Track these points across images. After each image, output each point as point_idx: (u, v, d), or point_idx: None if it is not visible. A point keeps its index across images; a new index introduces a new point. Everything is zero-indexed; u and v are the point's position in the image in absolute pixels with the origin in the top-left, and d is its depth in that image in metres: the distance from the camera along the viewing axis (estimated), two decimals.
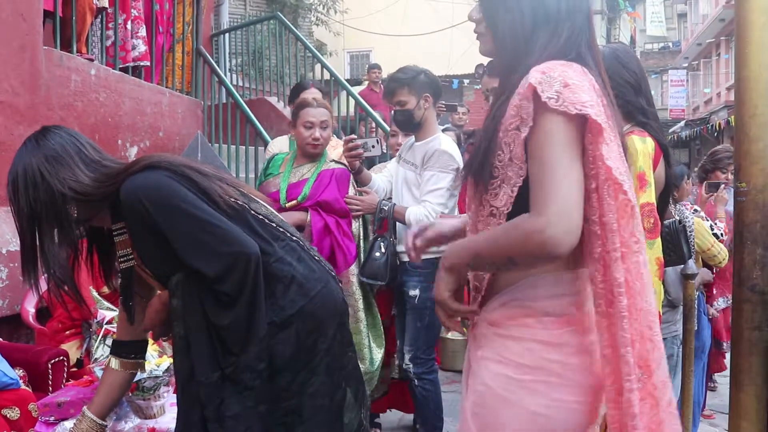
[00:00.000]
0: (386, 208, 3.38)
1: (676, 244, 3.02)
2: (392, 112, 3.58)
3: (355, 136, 3.60)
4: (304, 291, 1.90)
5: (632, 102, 2.47)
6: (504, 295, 1.41)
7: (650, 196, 2.45)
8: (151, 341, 2.83)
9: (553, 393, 1.35)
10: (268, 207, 2.08)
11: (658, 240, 2.52)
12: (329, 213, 3.37)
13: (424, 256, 3.42)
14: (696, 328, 3.51)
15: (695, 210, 4.06)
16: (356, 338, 3.49)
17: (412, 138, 3.61)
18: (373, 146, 3.35)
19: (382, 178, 3.62)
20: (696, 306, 3.54)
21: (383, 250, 3.35)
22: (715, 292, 4.31)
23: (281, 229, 1.98)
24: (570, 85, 1.28)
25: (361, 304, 3.46)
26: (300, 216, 3.33)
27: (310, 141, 3.35)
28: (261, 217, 1.96)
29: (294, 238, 2.01)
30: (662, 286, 2.62)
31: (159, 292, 2.05)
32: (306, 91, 3.96)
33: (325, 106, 3.43)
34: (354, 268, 3.44)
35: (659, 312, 2.59)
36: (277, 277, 1.88)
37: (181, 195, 1.81)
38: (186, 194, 1.82)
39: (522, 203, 1.34)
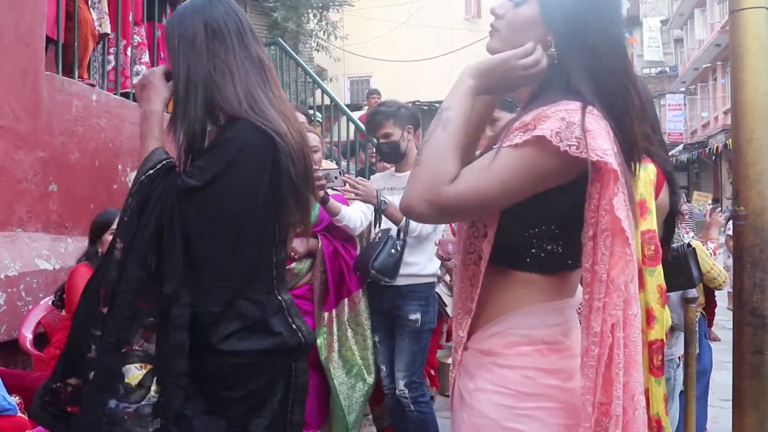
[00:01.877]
0: (385, 203, 3.38)
1: (685, 268, 3.02)
2: (377, 144, 3.63)
3: (317, 167, 3.62)
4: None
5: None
6: (498, 324, 1.41)
7: (651, 223, 2.47)
8: (149, 366, 2.82)
9: (553, 419, 1.35)
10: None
11: (660, 267, 2.52)
12: (335, 238, 3.46)
13: (421, 281, 3.49)
14: (698, 351, 3.50)
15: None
16: (363, 354, 3.54)
17: (391, 169, 3.71)
18: (335, 177, 3.35)
19: (353, 210, 3.57)
20: (697, 329, 3.54)
21: (398, 248, 3.36)
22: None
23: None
24: (591, 131, 1.27)
25: (367, 323, 3.52)
26: (313, 243, 3.44)
27: None
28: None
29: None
30: (666, 312, 2.62)
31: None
32: None
33: (311, 131, 3.48)
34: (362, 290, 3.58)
35: (663, 340, 2.60)
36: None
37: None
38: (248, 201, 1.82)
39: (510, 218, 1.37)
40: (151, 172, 1.83)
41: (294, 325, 1.92)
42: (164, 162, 1.86)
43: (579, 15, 1.37)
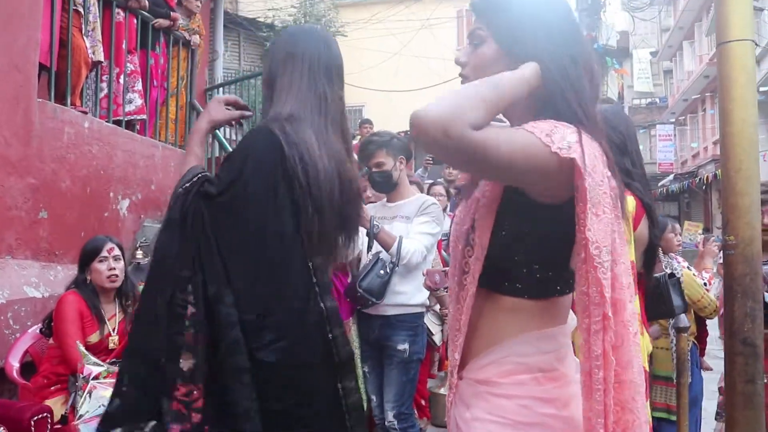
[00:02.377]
0: (377, 227, 3.38)
1: (666, 297, 3.04)
2: (369, 173, 3.64)
3: None
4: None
5: (617, 162, 2.53)
6: (493, 353, 1.40)
7: (630, 253, 2.50)
8: None
9: None
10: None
11: (636, 297, 2.51)
12: None
13: (410, 310, 3.48)
14: (690, 380, 3.50)
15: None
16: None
17: (383, 200, 3.72)
18: None
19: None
20: (689, 358, 3.53)
21: (387, 270, 3.36)
22: None
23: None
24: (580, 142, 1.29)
25: (357, 351, 3.52)
26: None
27: None
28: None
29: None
30: (646, 339, 2.64)
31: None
32: None
33: None
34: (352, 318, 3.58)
35: (645, 367, 2.60)
36: None
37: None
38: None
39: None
40: (187, 185, 1.90)
41: (330, 335, 1.91)
42: (200, 175, 1.92)
43: (536, 43, 1.37)
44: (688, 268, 4.00)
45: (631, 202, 2.51)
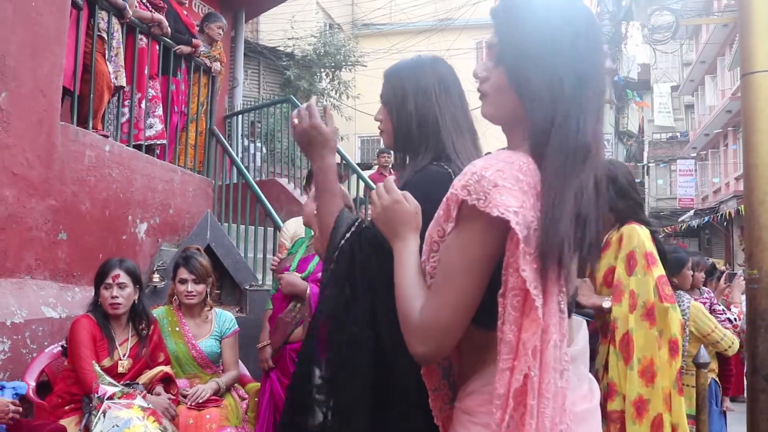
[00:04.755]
0: None
1: None
2: None
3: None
4: None
5: (630, 196, 2.93)
6: (474, 381, 1.40)
7: (661, 269, 2.79)
8: (152, 418, 2.77)
9: None
10: None
11: (677, 305, 2.82)
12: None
13: None
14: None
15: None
16: None
17: None
18: None
19: None
20: (708, 396, 3.46)
21: None
22: None
23: None
24: (500, 186, 1.24)
25: None
26: (302, 288, 3.55)
27: None
28: None
29: None
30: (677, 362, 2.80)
31: None
32: None
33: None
34: None
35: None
36: None
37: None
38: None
39: None
40: (348, 235, 1.78)
41: None
42: (357, 222, 1.80)
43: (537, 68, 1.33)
44: (718, 304, 3.92)
45: (647, 230, 2.75)
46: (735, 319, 3.96)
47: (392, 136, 2.00)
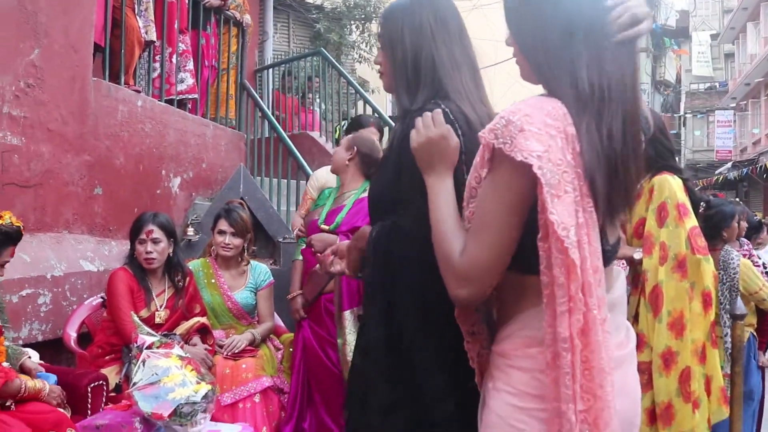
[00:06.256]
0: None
1: None
2: None
3: None
4: None
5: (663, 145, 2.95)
6: (511, 325, 1.43)
7: (694, 220, 2.82)
8: (189, 367, 2.83)
9: None
10: None
11: (710, 256, 2.85)
12: None
13: None
14: (743, 371, 3.38)
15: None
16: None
17: None
18: None
19: None
20: (746, 350, 3.43)
21: None
22: None
23: None
24: (526, 131, 1.26)
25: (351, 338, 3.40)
26: (333, 242, 3.37)
27: None
28: None
29: None
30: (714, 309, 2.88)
31: None
32: (364, 130, 4.08)
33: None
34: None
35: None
36: None
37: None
38: None
39: None
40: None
41: None
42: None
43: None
44: (757, 257, 3.88)
45: (679, 180, 2.85)
46: None
47: (391, 78, 1.93)
